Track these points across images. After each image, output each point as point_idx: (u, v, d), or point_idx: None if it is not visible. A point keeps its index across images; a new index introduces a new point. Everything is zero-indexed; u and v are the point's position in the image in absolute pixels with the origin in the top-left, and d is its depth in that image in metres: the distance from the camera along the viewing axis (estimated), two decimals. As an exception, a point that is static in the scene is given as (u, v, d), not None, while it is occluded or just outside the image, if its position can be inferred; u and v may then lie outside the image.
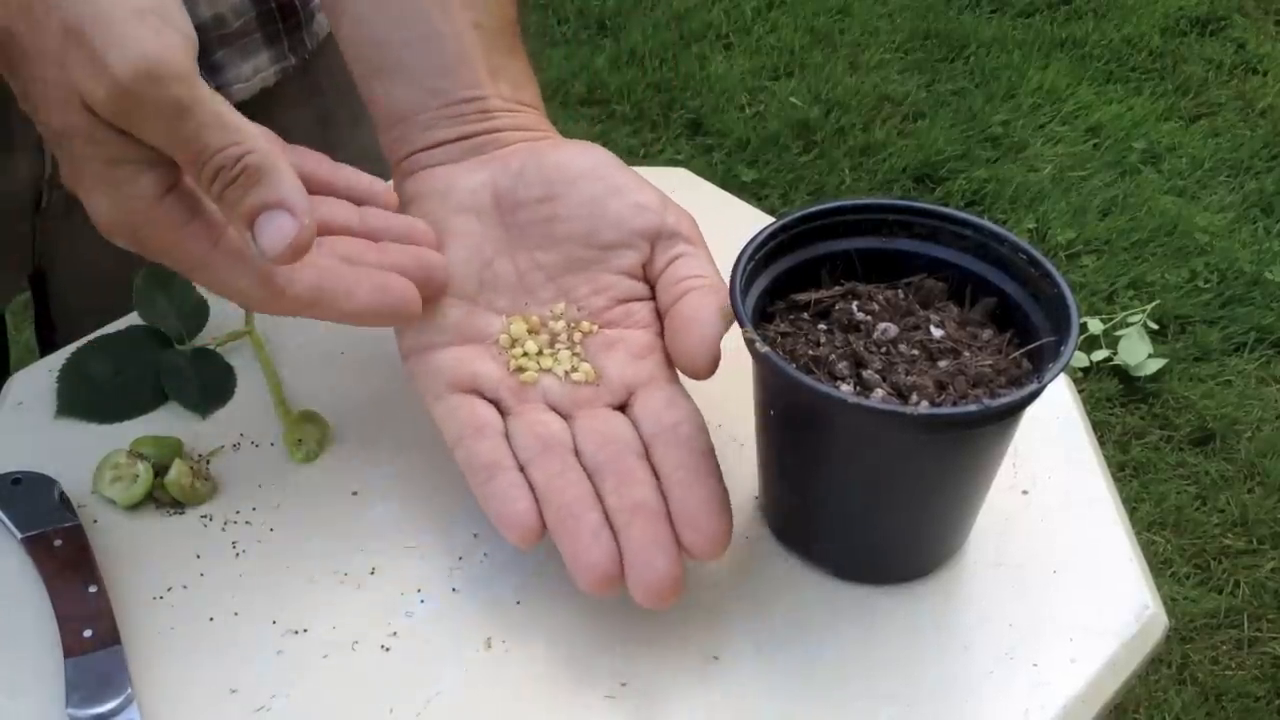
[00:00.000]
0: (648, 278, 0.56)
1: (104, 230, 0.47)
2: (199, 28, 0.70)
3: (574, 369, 0.54)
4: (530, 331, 0.55)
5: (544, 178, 0.56)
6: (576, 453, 0.52)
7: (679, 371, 0.54)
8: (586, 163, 0.57)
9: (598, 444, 0.52)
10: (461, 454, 0.52)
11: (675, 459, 0.51)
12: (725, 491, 0.51)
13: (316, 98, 0.79)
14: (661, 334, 0.55)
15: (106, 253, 0.76)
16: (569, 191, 0.56)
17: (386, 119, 0.59)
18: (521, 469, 0.51)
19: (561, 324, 0.55)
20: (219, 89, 0.72)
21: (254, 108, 0.74)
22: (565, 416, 0.54)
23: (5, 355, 0.85)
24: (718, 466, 0.52)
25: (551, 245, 0.56)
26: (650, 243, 0.56)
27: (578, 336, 0.55)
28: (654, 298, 0.56)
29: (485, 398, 0.54)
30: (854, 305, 0.54)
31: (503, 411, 0.54)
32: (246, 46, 0.72)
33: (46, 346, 0.83)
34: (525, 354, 0.55)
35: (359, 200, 0.56)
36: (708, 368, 0.53)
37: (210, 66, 0.71)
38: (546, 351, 0.55)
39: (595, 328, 0.55)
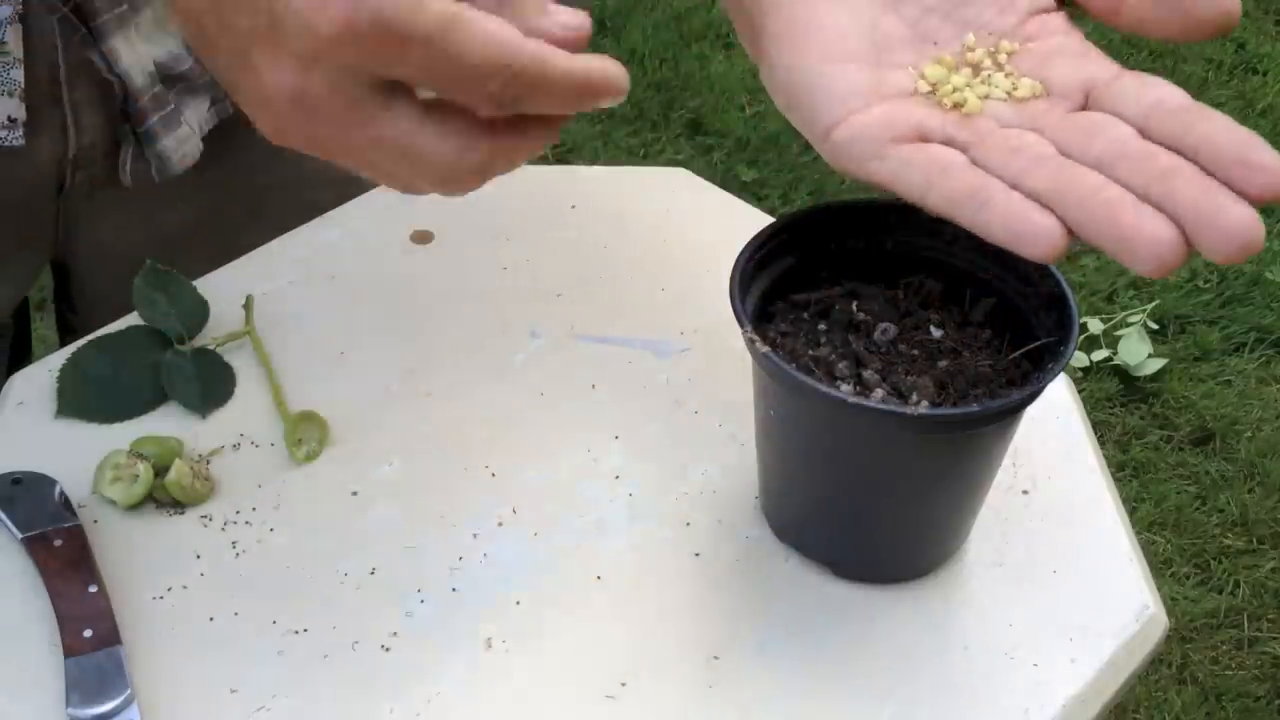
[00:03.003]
0: None
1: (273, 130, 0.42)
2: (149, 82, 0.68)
3: (1015, 88, 0.47)
4: (948, 70, 0.49)
5: None
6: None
7: (1188, 31, 0.47)
8: None
9: (1086, 140, 0.44)
10: (936, 197, 0.45)
11: (1182, 124, 0.43)
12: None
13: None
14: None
15: (127, 236, 0.77)
16: None
17: None
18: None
19: (980, 52, 0.49)
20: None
21: (212, 140, 0.73)
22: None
23: (28, 342, 0.85)
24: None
25: None
26: None
27: (1002, 59, 0.49)
28: (1060, 6, 0.50)
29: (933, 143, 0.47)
30: (854, 305, 0.54)
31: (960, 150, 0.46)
32: (195, 87, 0.72)
33: (67, 333, 0.83)
34: (954, 89, 0.48)
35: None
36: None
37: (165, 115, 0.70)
38: (974, 82, 0.48)
39: (1016, 45, 0.49)
